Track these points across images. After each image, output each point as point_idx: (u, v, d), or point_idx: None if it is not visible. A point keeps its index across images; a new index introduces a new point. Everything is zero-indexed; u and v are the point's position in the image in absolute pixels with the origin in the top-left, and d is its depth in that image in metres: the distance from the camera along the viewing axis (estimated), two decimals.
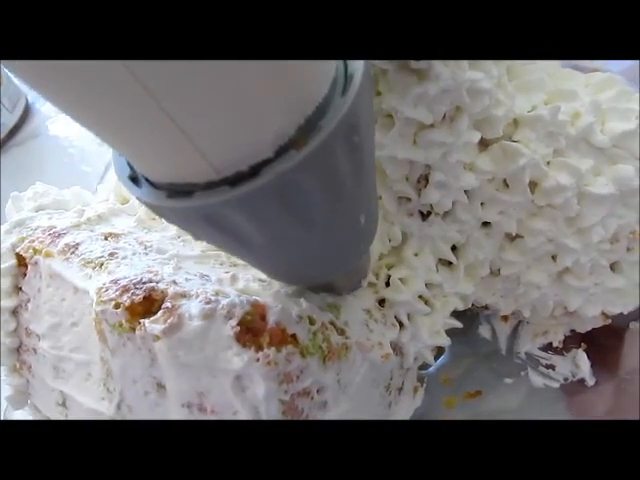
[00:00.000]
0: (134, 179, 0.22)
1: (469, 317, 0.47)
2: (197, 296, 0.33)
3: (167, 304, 0.32)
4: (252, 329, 0.32)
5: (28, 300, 0.40)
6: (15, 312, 0.41)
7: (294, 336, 0.33)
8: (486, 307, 0.47)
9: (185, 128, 0.17)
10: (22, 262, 0.40)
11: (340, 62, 0.21)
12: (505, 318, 0.48)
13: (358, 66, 0.20)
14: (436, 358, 0.45)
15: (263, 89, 0.17)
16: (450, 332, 0.44)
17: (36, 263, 0.39)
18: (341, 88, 0.20)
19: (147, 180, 0.21)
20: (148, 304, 0.33)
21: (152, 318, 0.32)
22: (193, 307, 0.32)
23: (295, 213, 0.21)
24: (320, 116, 0.19)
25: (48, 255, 0.38)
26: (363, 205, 0.26)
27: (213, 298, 0.32)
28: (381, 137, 0.36)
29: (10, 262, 0.39)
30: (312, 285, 0.36)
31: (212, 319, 0.31)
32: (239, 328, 0.31)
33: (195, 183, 0.19)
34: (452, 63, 0.34)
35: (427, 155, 0.37)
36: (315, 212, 0.22)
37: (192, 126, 0.17)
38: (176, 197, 0.20)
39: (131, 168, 0.22)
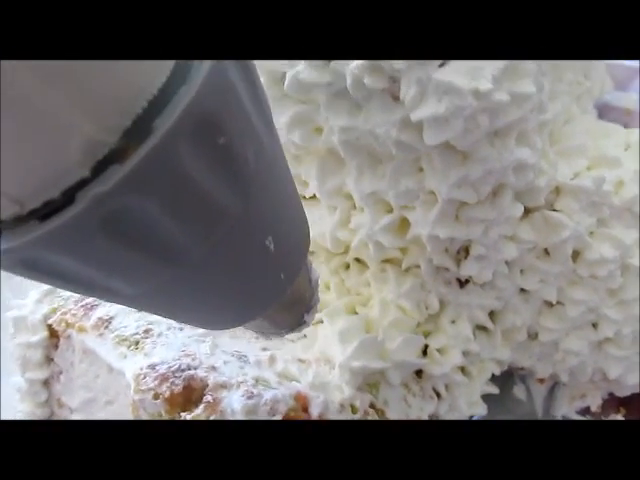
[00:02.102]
0: None
1: (503, 376, 0.46)
2: (238, 386, 0.32)
3: (208, 397, 0.32)
4: None
5: (60, 372, 0.39)
6: (46, 383, 0.40)
7: None
8: (521, 368, 0.46)
9: None
10: (54, 333, 0.39)
11: None
12: (541, 380, 0.47)
13: None
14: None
15: (54, 91, 0.12)
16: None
17: (69, 337, 0.38)
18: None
19: None
20: (187, 393, 0.32)
21: (193, 414, 0.31)
22: (235, 401, 0.31)
23: (141, 247, 0.16)
24: (157, 115, 0.14)
25: (81, 330, 0.37)
26: (265, 226, 0.20)
27: (255, 391, 0.32)
28: (423, 215, 0.35)
29: (42, 334, 0.39)
30: (244, 327, 0.29)
31: (254, 415, 0.31)
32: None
33: (1, 221, 0.14)
34: (499, 143, 0.33)
35: (469, 231, 0.36)
36: (175, 243, 0.16)
37: None
38: None
39: None
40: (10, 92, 0.12)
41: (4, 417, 0.45)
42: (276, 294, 0.24)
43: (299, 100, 0.34)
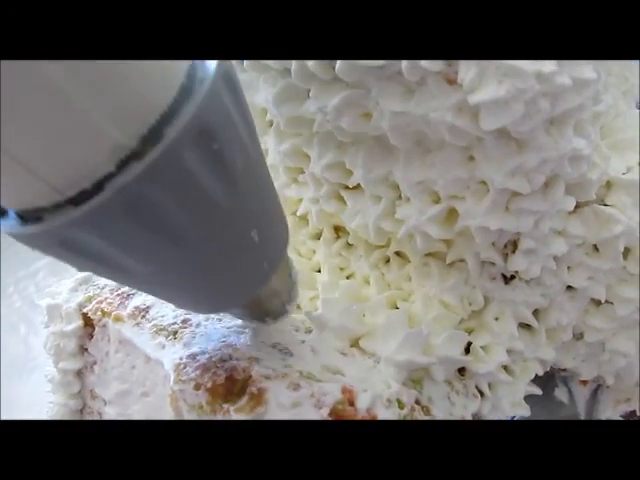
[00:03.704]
0: (3, 211, 0.20)
1: (544, 378, 0.44)
2: (282, 377, 0.31)
3: (252, 388, 0.30)
4: (342, 418, 0.30)
5: (94, 362, 0.38)
6: (79, 373, 0.39)
7: None
8: (564, 369, 0.44)
9: (12, 152, 0.16)
10: (89, 322, 0.38)
11: (193, 67, 0.19)
12: (584, 382, 0.45)
13: (209, 69, 0.19)
14: None
15: (90, 102, 0.16)
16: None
17: (104, 326, 0.37)
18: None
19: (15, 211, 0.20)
20: (230, 384, 0.31)
21: (237, 405, 0.30)
22: (280, 394, 0.30)
23: (154, 229, 0.20)
24: (167, 124, 0.18)
25: (118, 319, 0.37)
26: (251, 219, 0.24)
27: (302, 383, 0.30)
28: (473, 205, 0.34)
29: (76, 323, 0.38)
30: (232, 314, 0.34)
31: (301, 407, 0.30)
32: (330, 419, 0.29)
33: (43, 207, 0.18)
34: (555, 131, 0.32)
35: (519, 224, 0.34)
36: (179, 227, 0.20)
37: (19, 149, 0.16)
38: (28, 223, 0.19)
39: None
40: (64, 104, 0.16)
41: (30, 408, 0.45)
42: (261, 281, 0.29)
43: (348, 84, 0.33)
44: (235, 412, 0.30)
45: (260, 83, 0.37)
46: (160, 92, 0.18)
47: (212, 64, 0.19)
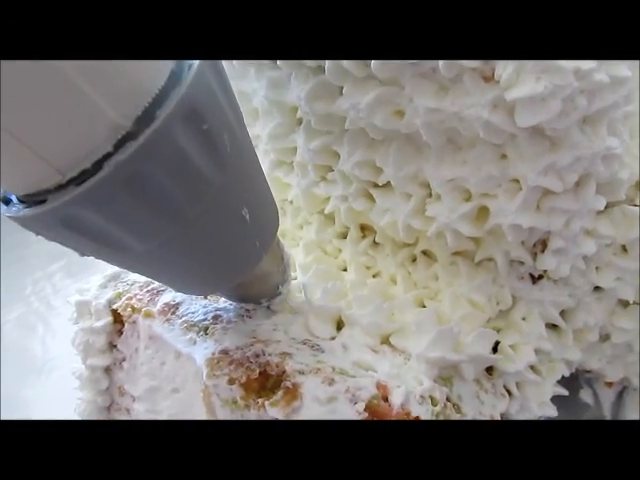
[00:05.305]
0: (8, 199, 0.22)
1: (569, 380, 0.44)
2: (316, 372, 0.31)
3: (287, 383, 0.30)
4: (377, 413, 0.30)
5: (123, 359, 0.38)
6: (108, 370, 0.39)
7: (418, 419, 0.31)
8: (589, 371, 0.44)
9: (16, 134, 0.18)
10: (118, 319, 0.38)
11: None
12: (610, 383, 0.45)
13: None
14: None
15: (89, 85, 0.18)
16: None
17: (134, 322, 0.37)
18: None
19: (18, 198, 0.21)
20: (263, 379, 0.31)
21: (272, 400, 0.30)
22: (316, 388, 0.30)
23: (151, 204, 0.21)
24: (159, 107, 0.20)
25: (148, 315, 0.37)
26: (241, 198, 0.26)
27: (336, 378, 0.31)
28: (505, 203, 0.34)
29: (106, 320, 0.38)
30: (221, 294, 0.35)
31: (336, 402, 0.30)
32: (366, 414, 0.29)
33: (47, 189, 0.20)
34: (589, 130, 0.32)
35: (550, 222, 0.35)
36: (175, 202, 0.22)
37: (23, 131, 0.18)
38: (32, 206, 0.20)
39: None
40: (65, 87, 0.17)
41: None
42: (253, 259, 0.29)
43: (382, 82, 0.33)
44: (270, 406, 0.30)
45: (292, 80, 0.37)
46: (152, 77, 0.20)
47: None
